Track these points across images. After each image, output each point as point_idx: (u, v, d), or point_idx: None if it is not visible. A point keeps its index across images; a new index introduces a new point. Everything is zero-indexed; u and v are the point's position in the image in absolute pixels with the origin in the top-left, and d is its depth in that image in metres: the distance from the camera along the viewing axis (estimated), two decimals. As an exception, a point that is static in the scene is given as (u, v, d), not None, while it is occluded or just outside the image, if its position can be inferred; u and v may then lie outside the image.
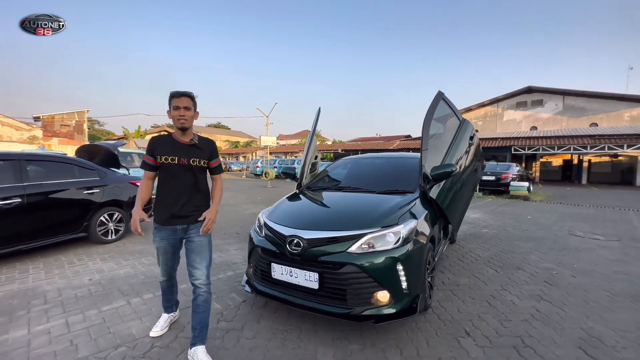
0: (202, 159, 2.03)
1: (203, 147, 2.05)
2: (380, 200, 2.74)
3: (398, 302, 2.12)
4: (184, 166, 1.98)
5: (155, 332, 2.20)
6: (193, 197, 2.02)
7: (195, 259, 2.01)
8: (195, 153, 2.01)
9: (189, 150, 2.00)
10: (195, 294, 2.01)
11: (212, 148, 2.11)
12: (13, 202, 3.61)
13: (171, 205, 1.98)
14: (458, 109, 3.51)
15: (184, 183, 1.99)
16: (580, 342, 2.17)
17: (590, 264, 3.89)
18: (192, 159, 1.99)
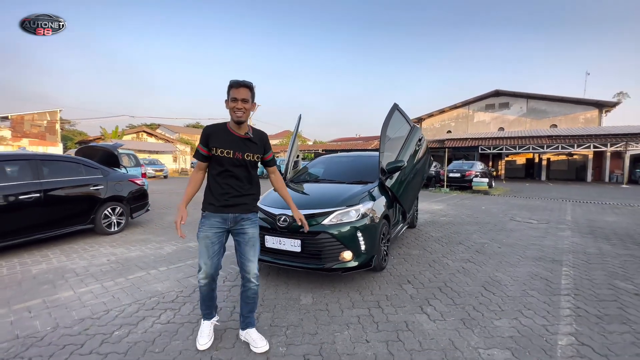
0: (256, 153, 1.96)
1: (257, 140, 1.99)
2: (348, 188, 3.57)
3: (358, 258, 2.95)
4: (238, 160, 1.91)
5: (203, 345, 2.00)
6: (245, 189, 1.97)
7: (250, 251, 1.98)
8: (250, 147, 1.94)
9: (244, 144, 1.93)
10: (246, 287, 2.01)
11: (266, 141, 2.05)
12: (32, 196, 4.14)
13: (222, 195, 1.92)
14: (410, 118, 4.40)
15: (236, 176, 1.93)
16: (484, 283, 3.10)
17: (516, 239, 4.93)
18: (246, 154, 1.92)
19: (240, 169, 1.94)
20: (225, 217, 1.94)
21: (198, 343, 2.01)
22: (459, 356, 1.92)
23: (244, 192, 1.97)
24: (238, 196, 1.95)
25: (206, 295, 2.03)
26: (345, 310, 2.52)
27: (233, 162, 1.90)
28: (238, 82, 1.85)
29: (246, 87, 1.86)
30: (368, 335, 2.15)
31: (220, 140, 1.89)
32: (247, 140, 1.94)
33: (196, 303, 2.67)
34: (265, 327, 2.26)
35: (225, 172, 1.92)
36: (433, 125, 34.01)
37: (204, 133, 1.93)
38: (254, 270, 1.99)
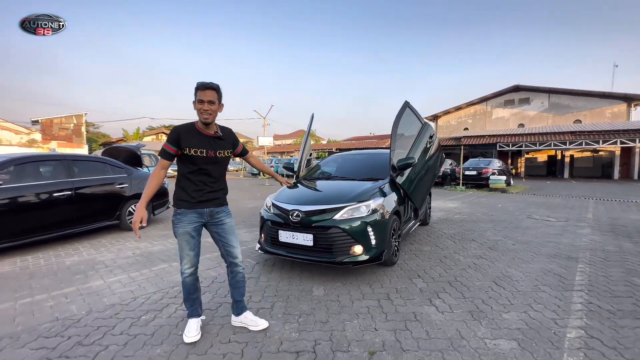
0: (226, 149, 2.09)
1: (226, 137, 2.10)
2: (359, 184, 3.66)
3: (368, 252, 3.04)
4: (211, 158, 2.00)
5: (191, 338, 2.03)
6: (217, 185, 2.09)
7: (232, 239, 2.14)
8: (220, 145, 2.05)
9: (215, 142, 2.02)
10: (233, 273, 2.18)
11: (233, 137, 2.18)
12: (65, 194, 4.46)
13: (197, 192, 2.01)
14: (422, 115, 4.43)
15: (209, 174, 2.03)
16: (495, 278, 3.12)
17: (532, 237, 4.86)
18: (218, 151, 2.03)
19: (213, 166, 2.05)
20: (201, 212, 2.05)
21: (186, 337, 2.03)
22: (465, 345, 1.99)
23: (216, 187, 2.10)
24: (211, 192, 2.07)
25: (191, 286, 2.10)
26: (355, 302, 2.62)
27: (206, 160, 2.00)
28: (204, 84, 1.92)
29: (212, 90, 1.94)
30: (377, 325, 2.24)
31: (193, 141, 1.96)
32: (218, 139, 2.05)
33: (214, 292, 2.84)
34: (279, 315, 2.40)
35: (199, 170, 2.01)
36: (449, 123, 33.35)
37: (173, 133, 1.96)
38: (239, 255, 2.18)
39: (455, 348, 1.95)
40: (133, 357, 1.89)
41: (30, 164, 4.32)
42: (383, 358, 1.86)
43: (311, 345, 1.99)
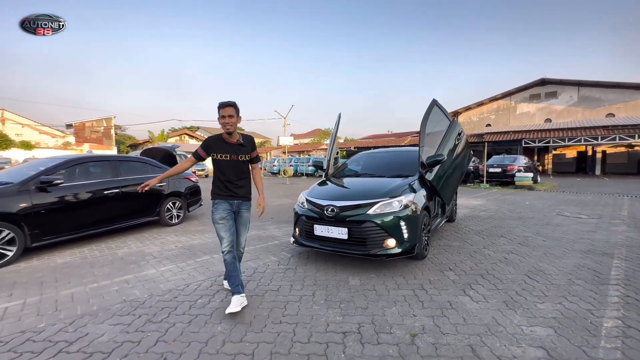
0: (247, 154, 2.60)
1: (246, 144, 2.60)
2: (389, 181, 3.79)
3: (401, 245, 3.17)
4: (233, 161, 2.54)
5: (231, 309, 2.32)
6: (242, 184, 2.60)
7: (242, 229, 2.66)
8: (241, 150, 2.56)
9: (237, 148, 2.55)
10: None
11: (252, 143, 2.68)
12: (114, 192, 4.86)
13: (227, 187, 2.54)
14: (449, 112, 4.48)
15: (234, 172, 2.55)
16: (528, 272, 3.17)
17: (563, 233, 4.81)
18: (240, 156, 2.56)
19: (236, 166, 2.56)
20: (231, 202, 2.57)
21: (228, 309, 2.34)
22: (502, 330, 2.10)
23: (240, 184, 2.59)
24: (237, 188, 2.58)
25: (230, 264, 2.47)
26: (391, 291, 2.77)
27: (231, 163, 2.54)
28: (224, 103, 2.45)
29: (230, 106, 2.45)
30: (414, 311, 2.39)
31: (219, 148, 2.52)
32: (239, 146, 2.57)
33: (258, 280, 3.07)
34: (321, 301, 2.59)
35: (226, 170, 2.54)
36: (470, 119, 32.54)
37: (207, 142, 2.57)
38: (243, 242, 2.71)
39: (493, 333, 2.07)
40: (198, 333, 2.14)
41: (83, 165, 4.75)
42: (424, 340, 2.01)
43: (356, 327, 2.16)
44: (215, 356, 1.88)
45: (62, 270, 3.47)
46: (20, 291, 2.91)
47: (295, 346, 1.96)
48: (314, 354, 1.88)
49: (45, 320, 2.35)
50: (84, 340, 2.08)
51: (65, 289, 2.94)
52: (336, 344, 1.98)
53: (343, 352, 1.90)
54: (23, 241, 3.81)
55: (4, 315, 2.44)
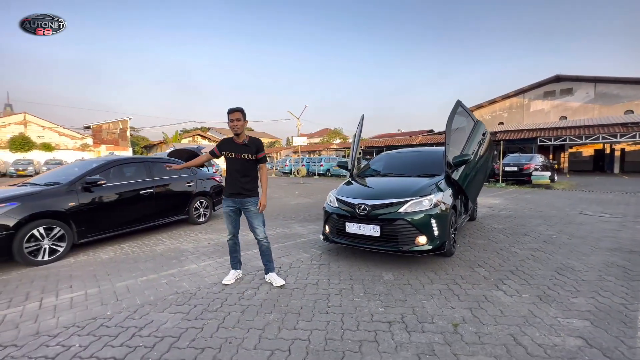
0: (250, 153, 2.91)
1: (251, 145, 2.94)
2: (417, 180, 3.92)
3: (432, 243, 3.30)
4: (238, 159, 2.90)
5: (226, 280, 3.06)
6: (244, 180, 2.90)
7: (254, 221, 2.97)
8: (245, 150, 2.91)
9: (241, 148, 2.91)
10: (259, 245, 3.06)
11: (257, 145, 2.98)
12: (148, 191, 5.12)
13: (231, 185, 2.93)
14: (473, 113, 4.57)
15: (238, 170, 2.90)
16: (557, 269, 3.26)
17: (588, 232, 4.84)
18: (243, 154, 2.89)
19: (240, 165, 2.92)
20: (234, 200, 2.96)
21: (224, 280, 3.07)
22: (539, 322, 2.21)
23: (243, 184, 2.92)
24: (241, 186, 2.92)
25: (232, 246, 3.12)
26: (425, 285, 2.90)
27: (235, 160, 2.92)
28: (232, 109, 2.87)
29: (238, 112, 2.87)
30: (452, 304, 2.52)
31: (228, 147, 2.94)
32: (244, 146, 2.92)
33: (296, 275, 3.25)
34: (361, 294, 2.74)
35: (232, 168, 2.94)
36: (483, 117, 32.13)
37: (220, 142, 3.02)
38: (260, 233, 3.00)
39: (531, 324, 2.19)
40: (253, 321, 2.32)
41: (121, 166, 5.01)
42: (466, 329, 2.14)
43: (399, 317, 2.31)
44: (275, 341, 2.05)
45: (110, 265, 3.71)
46: (78, 283, 3.16)
47: (346, 333, 2.12)
48: (366, 340, 2.03)
49: (110, 309, 2.57)
50: (151, 326, 2.28)
51: (119, 282, 3.17)
52: (384, 332, 2.13)
53: (392, 338, 2.05)
54: (72, 238, 4.08)
55: (72, 304, 2.67)
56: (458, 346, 1.95)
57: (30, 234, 3.70)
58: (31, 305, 2.68)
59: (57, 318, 2.43)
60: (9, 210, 3.58)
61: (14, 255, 3.60)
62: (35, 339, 2.15)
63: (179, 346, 2.02)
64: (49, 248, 3.87)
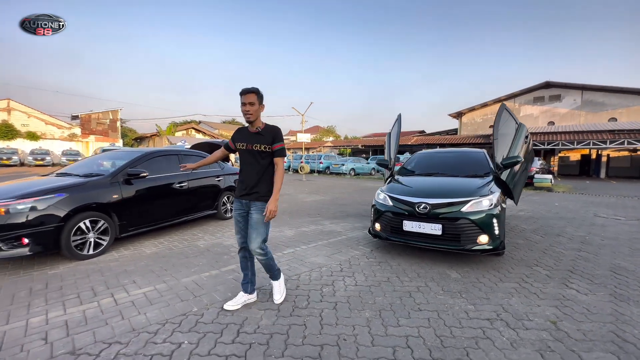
0: (263, 144, 2.31)
1: (266, 133, 2.33)
2: (469, 180, 3.99)
3: (493, 242, 3.36)
4: (249, 151, 2.34)
5: (229, 306, 2.41)
6: (255, 179, 2.33)
7: (252, 232, 2.32)
8: (258, 139, 2.32)
9: (254, 137, 2.33)
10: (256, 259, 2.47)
11: (274, 133, 2.35)
12: (183, 186, 4.99)
13: (241, 182, 2.40)
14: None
15: (250, 165, 2.35)
16: (611, 269, 3.39)
17: (615, 234, 5.06)
18: (255, 145, 2.31)
19: (252, 158, 2.35)
20: (242, 202, 2.41)
21: (225, 305, 2.43)
22: (629, 319, 2.30)
23: (254, 185, 2.34)
24: (250, 181, 2.36)
25: (241, 259, 2.50)
26: (498, 284, 2.96)
27: (246, 152, 2.37)
28: (245, 89, 2.26)
29: (252, 93, 2.26)
30: (535, 302, 2.59)
31: (241, 137, 2.40)
32: (257, 134, 2.34)
33: (361, 272, 3.24)
34: (440, 292, 2.77)
35: (244, 162, 2.40)
36: (474, 120, 32.83)
37: (234, 132, 2.50)
38: (253, 247, 2.33)
39: (623, 322, 2.28)
40: (351, 318, 2.31)
41: (157, 158, 4.85)
42: (565, 326, 2.21)
43: (495, 315, 2.36)
44: (388, 338, 2.05)
45: (160, 260, 3.60)
46: (139, 279, 3.05)
47: (453, 330, 2.14)
48: (477, 337, 2.06)
49: (194, 305, 2.50)
50: (249, 322, 2.24)
51: (182, 277, 3.09)
52: (489, 329, 2.17)
53: (501, 335, 2.09)
54: (114, 231, 3.93)
55: (150, 300, 2.58)
56: (569, 342, 2.01)
57: (76, 227, 3.55)
58: (105, 301, 2.58)
59: (145, 314, 2.35)
60: (57, 202, 3.42)
61: (62, 248, 3.44)
62: (135, 335, 2.07)
63: (294, 343, 1.99)
64: (93, 242, 3.72)
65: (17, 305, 2.50)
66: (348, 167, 20.95)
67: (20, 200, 3.25)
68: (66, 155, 26.23)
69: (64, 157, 25.86)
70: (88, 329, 2.15)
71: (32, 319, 2.29)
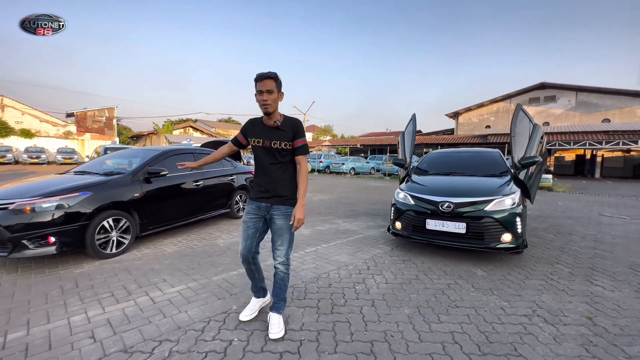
0: (283, 140, 1.98)
1: (286, 128, 2.00)
2: (489, 180, 4.05)
3: (516, 241, 3.43)
4: (266, 148, 2.00)
5: (244, 317, 2.22)
6: (276, 179, 2.03)
7: (277, 240, 2.06)
8: (277, 135, 1.99)
9: (272, 132, 2.00)
10: (275, 272, 2.12)
11: (296, 127, 2.02)
12: (199, 184, 4.97)
13: (258, 183, 2.07)
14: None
15: (268, 165, 2.02)
16: (630, 266, 3.49)
17: (623, 232, 5.18)
18: (273, 142, 1.98)
19: (270, 157, 2.02)
20: (259, 205, 2.06)
21: (241, 316, 2.23)
22: (660, 315, 2.38)
23: (275, 184, 2.02)
24: (268, 184, 2.03)
25: (246, 269, 2.20)
26: (525, 281, 3.03)
27: (263, 150, 2.03)
28: (262, 74, 1.92)
29: (270, 79, 1.91)
30: (567, 299, 2.65)
31: (255, 132, 2.05)
32: (275, 129, 2.00)
33: (388, 270, 3.28)
34: (472, 289, 2.82)
35: (260, 161, 2.06)
36: (470, 120, 33.13)
37: (244, 125, 2.14)
38: (279, 257, 2.06)
39: (654, 317, 2.35)
40: (390, 315, 2.34)
41: (174, 157, 4.82)
42: (601, 321, 2.27)
43: (531, 311, 2.41)
44: (431, 334, 2.09)
45: (185, 259, 3.60)
46: (169, 277, 3.05)
47: (495, 326, 2.19)
48: (520, 333, 2.11)
49: (232, 303, 2.51)
50: (293, 320, 2.26)
51: (213, 276, 3.09)
52: (528, 324, 2.22)
53: (542, 330, 2.14)
54: (135, 230, 3.91)
55: (187, 299, 2.59)
56: (609, 337, 2.07)
57: (100, 226, 3.52)
58: (142, 299, 2.57)
59: (186, 312, 2.35)
60: (82, 200, 3.39)
61: (87, 246, 3.42)
62: (183, 333, 2.07)
63: (343, 339, 2.02)
64: (116, 240, 3.70)
65: (53, 304, 2.48)
66: (348, 167, 21.00)
67: (46, 199, 3.22)
68: (62, 153, 25.94)
69: (60, 155, 25.59)
70: (133, 327, 2.15)
71: (72, 317, 2.28)
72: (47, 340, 2.00)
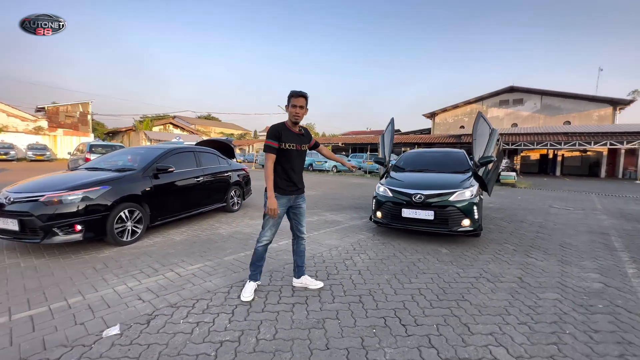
0: (305, 144, 2.65)
1: (305, 134, 2.66)
2: (453, 175, 4.84)
3: (474, 225, 4.22)
4: (298, 151, 2.57)
5: (246, 297, 2.55)
6: (300, 175, 2.67)
7: (302, 220, 2.71)
8: (303, 140, 2.62)
9: (301, 138, 2.59)
10: (299, 244, 2.77)
11: (310, 135, 2.74)
12: (199, 180, 5.45)
13: (290, 180, 2.56)
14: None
15: (298, 163, 2.59)
16: (560, 244, 4.38)
17: (565, 220, 6.19)
18: (303, 145, 2.61)
19: (299, 157, 2.62)
20: (289, 197, 2.60)
21: (242, 296, 2.56)
22: (571, 274, 3.21)
23: (299, 178, 2.65)
24: (298, 179, 2.64)
25: (260, 256, 2.63)
26: (479, 255, 3.81)
27: (296, 153, 2.56)
28: (298, 92, 2.45)
29: (303, 97, 2.46)
30: (506, 267, 3.44)
31: (288, 137, 2.50)
32: (302, 136, 2.61)
33: (371, 250, 3.96)
34: (436, 262, 3.56)
35: (290, 161, 2.54)
36: (446, 120, 34.76)
37: (274, 131, 2.48)
38: (304, 233, 2.77)
39: (567, 276, 3.17)
40: (373, 279, 3.01)
41: (178, 154, 5.27)
42: (527, 280, 3.06)
43: (478, 275, 3.17)
44: (404, 289, 2.78)
45: (195, 245, 4.11)
46: (185, 258, 3.56)
47: (451, 284, 2.92)
48: (468, 287, 2.85)
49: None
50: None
51: (224, 256, 3.64)
52: (475, 282, 2.97)
53: (484, 285, 2.89)
54: (147, 220, 4.36)
55: (208, 273, 3.13)
56: (530, 288, 2.85)
57: (118, 216, 3.96)
58: (170, 274, 3.09)
59: (211, 281, 2.91)
60: (104, 193, 3.82)
61: (107, 234, 3.85)
62: (213, 294, 2.63)
63: (339, 295, 2.66)
64: (130, 229, 4.14)
65: (93, 279, 2.95)
66: (330, 164, 21.75)
67: (72, 192, 3.64)
68: (32, 149, 24.91)
69: (30, 152, 24.58)
70: (171, 292, 2.68)
71: (116, 287, 2.77)
72: (103, 302, 2.50)
